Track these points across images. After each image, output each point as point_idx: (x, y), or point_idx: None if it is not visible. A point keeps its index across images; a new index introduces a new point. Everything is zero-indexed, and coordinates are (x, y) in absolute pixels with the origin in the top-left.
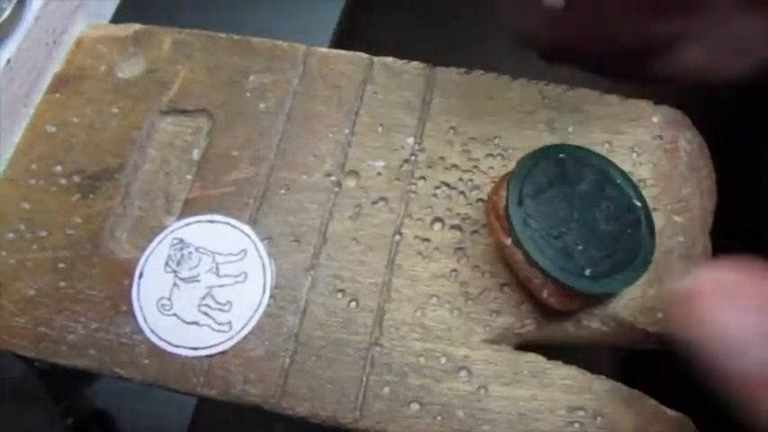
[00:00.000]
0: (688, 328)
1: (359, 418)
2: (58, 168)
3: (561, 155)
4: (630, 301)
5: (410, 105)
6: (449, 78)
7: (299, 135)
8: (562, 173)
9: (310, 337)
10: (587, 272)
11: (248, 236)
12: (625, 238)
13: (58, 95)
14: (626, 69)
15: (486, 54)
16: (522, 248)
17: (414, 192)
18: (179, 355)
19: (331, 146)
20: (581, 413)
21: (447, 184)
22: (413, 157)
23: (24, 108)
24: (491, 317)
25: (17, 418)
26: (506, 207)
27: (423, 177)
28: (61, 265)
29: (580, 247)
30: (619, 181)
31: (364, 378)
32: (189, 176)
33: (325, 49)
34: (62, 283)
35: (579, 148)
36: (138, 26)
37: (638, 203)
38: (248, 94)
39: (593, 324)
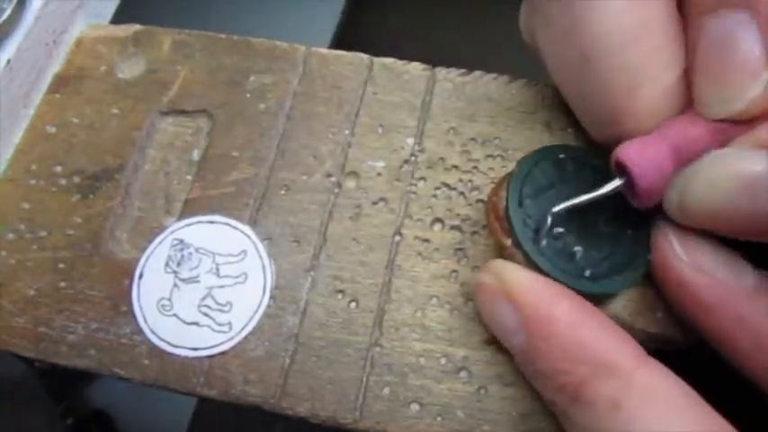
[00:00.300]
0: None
1: (359, 418)
2: (58, 168)
3: (561, 155)
4: (630, 302)
5: (410, 106)
6: (449, 78)
7: (299, 136)
8: (562, 173)
9: (310, 337)
10: (587, 273)
11: (248, 236)
12: (625, 238)
13: (58, 96)
14: None
15: (486, 54)
16: (522, 249)
17: (414, 192)
18: (179, 356)
19: (331, 146)
20: None
21: (447, 185)
22: (413, 158)
23: (24, 108)
24: None
25: (17, 418)
26: (506, 208)
27: (423, 178)
28: (61, 266)
29: (580, 248)
30: None
31: (364, 378)
32: (189, 177)
33: (325, 50)
34: (62, 283)
35: (579, 148)
36: (138, 26)
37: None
38: (248, 95)
39: None
